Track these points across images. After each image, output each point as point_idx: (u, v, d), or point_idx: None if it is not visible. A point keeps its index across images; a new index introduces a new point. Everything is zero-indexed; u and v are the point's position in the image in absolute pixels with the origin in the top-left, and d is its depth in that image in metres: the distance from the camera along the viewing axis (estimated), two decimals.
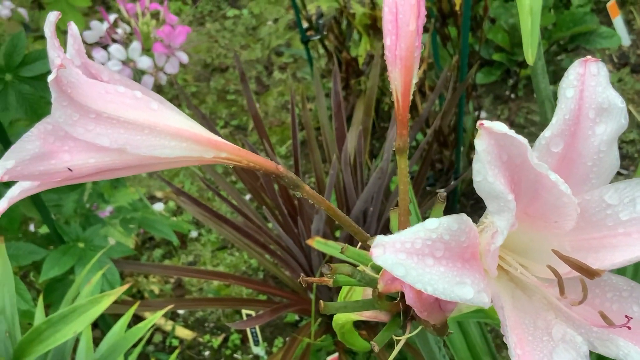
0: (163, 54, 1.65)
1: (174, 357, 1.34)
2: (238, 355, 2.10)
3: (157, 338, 2.16)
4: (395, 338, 0.58)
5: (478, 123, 0.38)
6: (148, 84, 1.63)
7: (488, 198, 0.40)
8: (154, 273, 2.27)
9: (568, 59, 2.68)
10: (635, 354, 0.45)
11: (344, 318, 0.71)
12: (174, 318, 2.22)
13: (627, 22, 2.88)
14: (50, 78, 0.44)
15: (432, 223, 0.41)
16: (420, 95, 2.05)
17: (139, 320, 1.84)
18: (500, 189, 0.39)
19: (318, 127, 2.39)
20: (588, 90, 0.44)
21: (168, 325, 2.18)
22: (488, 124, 0.38)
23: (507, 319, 0.42)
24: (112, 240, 1.66)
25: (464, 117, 2.05)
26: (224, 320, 2.20)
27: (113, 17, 1.68)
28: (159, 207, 2.44)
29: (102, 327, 1.77)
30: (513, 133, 0.39)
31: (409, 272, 0.38)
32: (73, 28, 0.52)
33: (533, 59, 0.78)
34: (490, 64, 2.75)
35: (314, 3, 2.38)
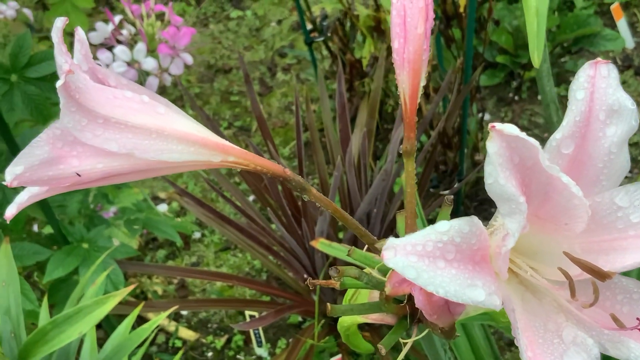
0: (168, 55, 1.65)
1: (178, 358, 1.34)
2: (241, 357, 2.10)
3: (160, 339, 2.16)
4: (402, 341, 0.58)
5: (489, 125, 0.38)
6: (153, 85, 1.63)
7: (499, 200, 0.40)
8: (158, 274, 2.27)
9: (572, 61, 2.68)
10: None
11: (350, 320, 0.71)
12: (177, 319, 2.22)
13: (630, 24, 2.88)
14: (59, 84, 0.44)
15: (443, 225, 0.41)
16: (424, 97, 2.05)
17: (142, 321, 1.84)
18: (512, 192, 0.39)
19: (321, 128, 2.39)
20: (598, 92, 0.44)
21: (171, 326, 2.18)
22: (499, 127, 0.38)
23: (518, 322, 0.42)
24: (116, 241, 1.66)
25: (468, 119, 2.05)
26: (227, 321, 2.19)
27: (118, 18, 1.68)
28: (163, 208, 2.44)
29: (105, 327, 1.77)
30: (525, 135, 0.38)
31: (421, 274, 0.38)
32: (80, 33, 0.52)
33: (539, 62, 0.78)
34: (494, 66, 2.75)
35: (318, 5, 2.38)
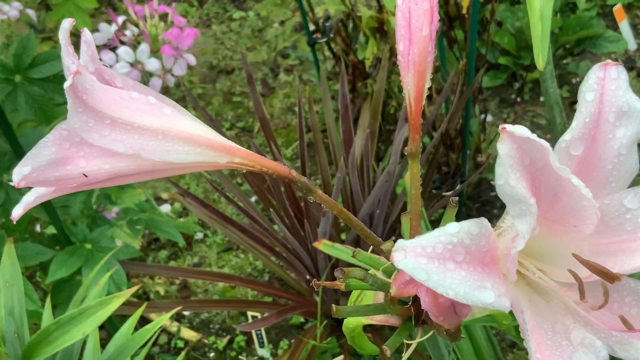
0: (171, 56, 1.65)
1: (180, 358, 1.33)
2: (243, 357, 2.10)
3: (162, 339, 2.16)
4: (406, 342, 0.58)
5: (500, 127, 0.38)
6: (156, 86, 1.63)
7: (510, 202, 0.40)
8: (160, 274, 2.27)
9: (574, 63, 2.68)
10: None
11: (355, 322, 0.71)
12: (180, 319, 2.22)
13: (633, 26, 2.87)
14: (67, 85, 0.44)
15: (452, 227, 0.41)
16: (427, 99, 2.05)
17: (145, 321, 1.84)
18: (522, 193, 0.39)
19: (324, 129, 2.39)
20: (608, 94, 0.44)
21: (173, 327, 2.18)
22: (510, 128, 0.38)
23: (527, 323, 0.42)
24: (118, 242, 1.66)
25: (470, 120, 2.05)
26: (229, 322, 2.19)
27: (121, 19, 1.68)
28: (166, 208, 2.44)
29: (108, 328, 1.77)
30: (535, 137, 0.38)
31: (431, 276, 0.38)
32: (86, 34, 0.52)
33: (544, 65, 0.78)
34: (497, 68, 2.75)
35: (321, 6, 2.38)
